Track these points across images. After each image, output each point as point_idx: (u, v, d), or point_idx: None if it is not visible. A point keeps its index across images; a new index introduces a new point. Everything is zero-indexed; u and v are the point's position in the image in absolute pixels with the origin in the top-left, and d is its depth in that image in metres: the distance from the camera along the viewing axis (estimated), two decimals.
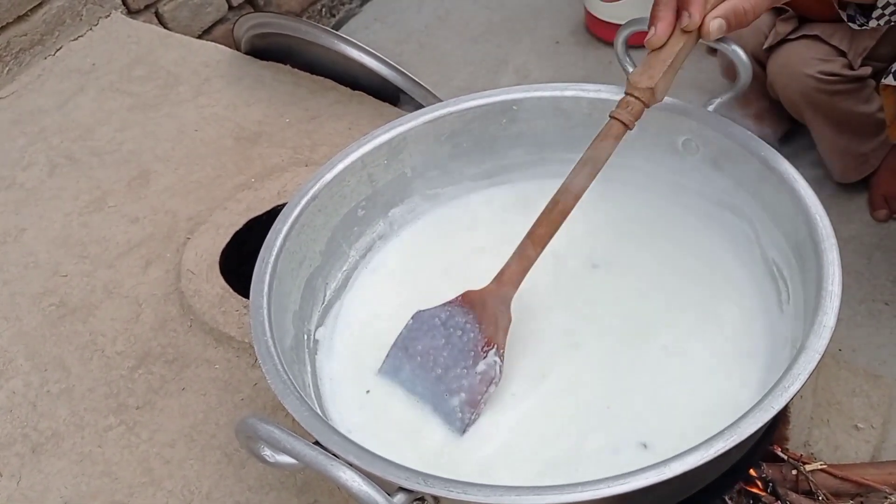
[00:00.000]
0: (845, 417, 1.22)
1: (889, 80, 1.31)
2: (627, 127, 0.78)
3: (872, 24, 1.03)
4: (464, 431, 0.76)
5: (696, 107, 0.87)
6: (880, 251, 1.74)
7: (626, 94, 0.78)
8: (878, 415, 1.22)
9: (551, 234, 0.78)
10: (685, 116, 0.87)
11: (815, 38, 1.63)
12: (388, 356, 0.82)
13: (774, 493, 1.02)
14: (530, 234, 0.79)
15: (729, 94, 0.87)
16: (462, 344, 0.79)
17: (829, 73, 1.60)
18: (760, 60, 1.74)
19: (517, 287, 0.79)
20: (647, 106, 0.78)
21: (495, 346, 0.78)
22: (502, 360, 0.78)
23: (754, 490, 1.03)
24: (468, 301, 0.80)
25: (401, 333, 0.82)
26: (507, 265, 0.80)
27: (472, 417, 0.77)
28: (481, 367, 0.77)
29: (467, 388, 0.77)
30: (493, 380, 0.77)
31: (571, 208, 0.78)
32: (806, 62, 1.61)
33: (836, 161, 1.80)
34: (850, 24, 1.05)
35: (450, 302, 0.81)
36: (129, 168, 1.40)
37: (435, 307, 0.82)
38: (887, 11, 1.01)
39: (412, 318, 0.82)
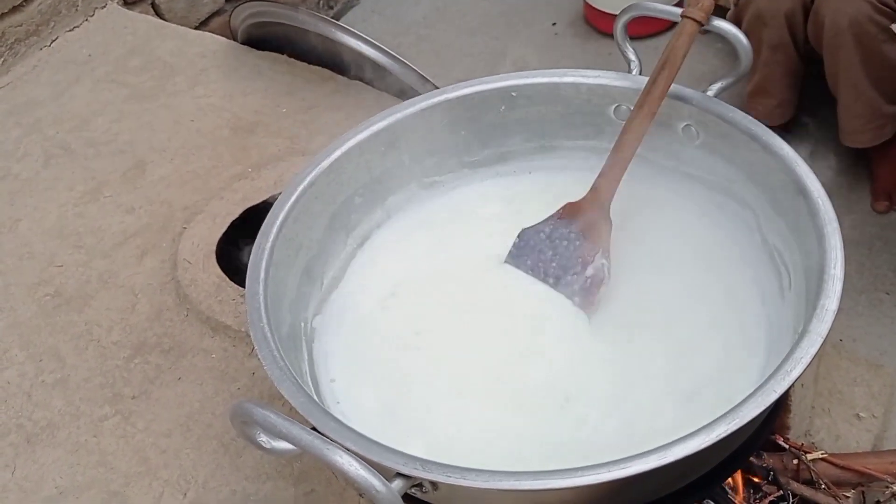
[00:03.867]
0: (846, 407, 1.21)
1: None
2: (700, 24, 0.80)
3: None
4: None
5: (696, 92, 0.86)
6: (881, 241, 1.73)
7: None
8: (879, 404, 1.22)
9: (640, 137, 0.82)
10: (684, 102, 0.86)
11: None
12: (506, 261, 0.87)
13: (775, 482, 1.02)
14: (620, 141, 0.82)
15: (729, 80, 0.86)
16: (569, 252, 0.84)
17: (885, 2, 1.55)
18: (793, 24, 1.70)
19: (613, 193, 0.83)
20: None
21: (601, 249, 0.82)
22: (609, 262, 0.82)
23: (755, 479, 1.02)
24: (569, 213, 0.85)
25: (510, 251, 0.87)
26: (602, 174, 0.84)
27: (590, 316, 0.81)
28: (590, 270, 0.82)
29: (580, 292, 0.82)
30: (604, 280, 0.82)
31: (657, 110, 0.82)
32: None
33: (854, 119, 1.73)
34: None
35: (552, 216, 0.86)
36: (125, 158, 1.39)
37: (538, 223, 0.86)
38: None
39: (518, 236, 0.87)
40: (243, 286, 0.78)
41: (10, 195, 1.35)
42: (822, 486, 1.06)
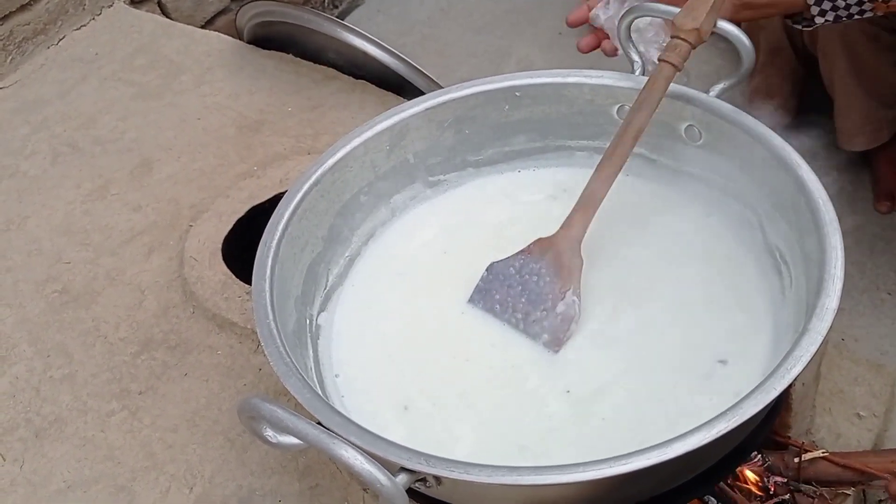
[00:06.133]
0: (847, 406, 1.22)
1: None
2: (677, 68, 0.81)
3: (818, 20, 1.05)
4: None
5: (699, 92, 0.87)
6: (883, 242, 1.73)
7: (673, 36, 0.81)
8: (880, 403, 1.22)
9: (613, 177, 0.82)
10: (687, 103, 0.87)
11: None
12: (469, 300, 0.86)
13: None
14: (594, 180, 0.82)
15: (732, 80, 0.87)
16: (539, 289, 0.82)
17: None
18: (791, 28, 1.70)
19: (585, 231, 0.83)
20: (693, 47, 0.81)
21: (571, 287, 0.81)
22: (580, 299, 0.81)
23: (756, 476, 1.03)
24: (539, 248, 0.84)
25: (477, 285, 0.85)
26: (574, 211, 0.83)
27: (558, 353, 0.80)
28: (561, 307, 0.81)
29: (549, 329, 0.81)
30: (574, 318, 0.80)
31: (630, 151, 0.82)
32: None
33: (850, 123, 1.74)
34: (794, 25, 1.07)
35: (521, 251, 0.84)
36: (132, 157, 1.40)
37: (507, 257, 0.85)
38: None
39: (486, 269, 0.85)
40: (249, 283, 0.78)
41: (19, 192, 1.37)
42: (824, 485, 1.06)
